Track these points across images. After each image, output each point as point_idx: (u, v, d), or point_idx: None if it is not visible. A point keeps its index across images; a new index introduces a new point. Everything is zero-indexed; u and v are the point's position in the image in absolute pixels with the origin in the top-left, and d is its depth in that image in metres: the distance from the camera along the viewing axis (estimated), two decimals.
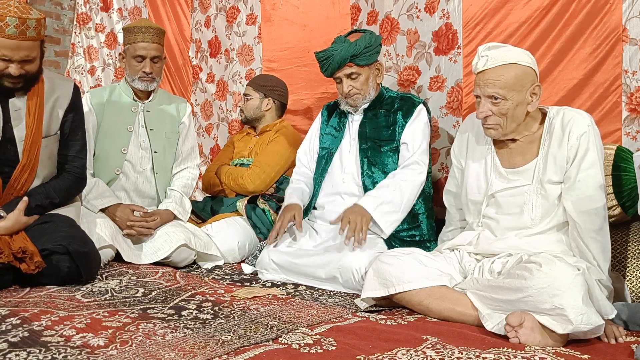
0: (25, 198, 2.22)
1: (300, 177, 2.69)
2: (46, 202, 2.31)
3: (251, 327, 1.69)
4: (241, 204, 2.92)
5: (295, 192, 2.59)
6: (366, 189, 2.46)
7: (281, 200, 2.90)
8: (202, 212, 3.05)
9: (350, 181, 2.51)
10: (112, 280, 2.23)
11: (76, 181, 2.45)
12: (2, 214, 2.16)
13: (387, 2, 2.96)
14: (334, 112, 2.68)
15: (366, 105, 2.54)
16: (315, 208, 2.61)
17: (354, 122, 2.58)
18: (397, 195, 2.35)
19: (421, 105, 2.51)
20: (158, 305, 1.90)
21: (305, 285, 2.29)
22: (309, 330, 1.67)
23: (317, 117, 2.78)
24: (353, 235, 2.23)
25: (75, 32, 4.63)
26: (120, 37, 4.39)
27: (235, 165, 3.13)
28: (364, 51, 2.42)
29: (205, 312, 1.84)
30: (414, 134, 2.45)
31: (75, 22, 4.64)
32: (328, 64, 2.47)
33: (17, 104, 2.27)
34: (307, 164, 2.71)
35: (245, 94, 3.22)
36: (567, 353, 1.52)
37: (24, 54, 2.16)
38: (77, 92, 2.45)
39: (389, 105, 2.54)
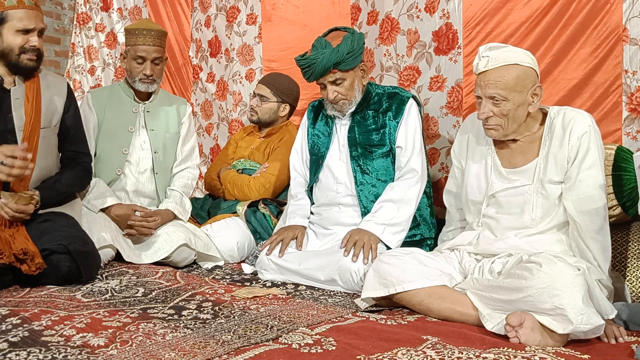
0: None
1: (299, 188, 2.63)
2: (60, 187, 2.38)
3: (251, 327, 1.69)
4: (241, 208, 2.89)
5: (299, 211, 2.54)
6: (361, 200, 2.42)
7: (281, 204, 2.89)
8: (200, 211, 3.05)
9: (345, 191, 2.46)
10: (112, 280, 2.23)
11: (85, 174, 2.55)
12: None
13: (387, 2, 2.96)
14: (320, 114, 2.61)
15: (353, 109, 2.47)
16: (311, 212, 2.59)
17: (342, 127, 2.51)
18: (400, 213, 2.32)
19: (410, 101, 2.43)
20: (158, 305, 1.90)
21: (305, 285, 2.29)
22: (309, 330, 1.67)
23: (303, 118, 2.71)
24: (361, 252, 2.20)
25: (75, 32, 4.63)
26: (120, 37, 4.39)
27: (238, 170, 3.09)
28: (347, 57, 2.32)
29: (206, 312, 1.84)
30: (407, 136, 2.40)
31: (75, 22, 4.63)
32: (310, 71, 2.37)
33: (16, 94, 2.30)
34: (301, 172, 2.66)
35: (260, 95, 3.09)
36: (567, 353, 1.52)
37: (41, 25, 2.24)
38: (70, 90, 2.52)
39: (377, 105, 2.47)
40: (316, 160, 2.57)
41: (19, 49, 2.22)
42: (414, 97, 2.47)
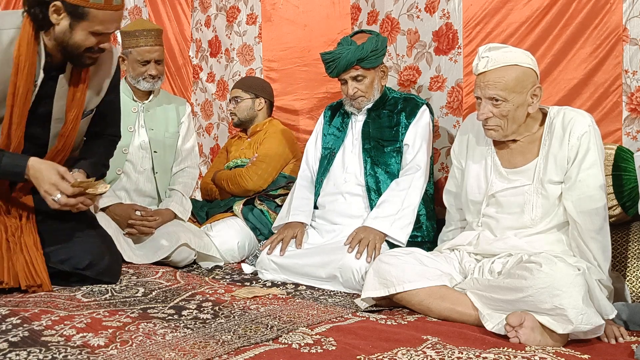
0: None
1: (304, 182, 2.68)
2: (101, 166, 2.26)
3: (251, 326, 1.69)
4: (237, 207, 2.91)
5: (301, 207, 2.57)
6: (369, 189, 2.46)
7: (275, 197, 2.92)
8: (200, 212, 3.05)
9: (352, 180, 2.52)
10: None
11: (112, 145, 2.37)
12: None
13: (388, 2, 2.96)
14: (337, 113, 2.69)
15: (370, 106, 2.55)
16: (316, 207, 2.61)
17: (357, 122, 2.59)
18: (405, 205, 2.36)
19: (424, 107, 2.53)
20: (158, 305, 1.90)
21: (305, 285, 2.29)
22: (309, 330, 1.67)
23: (320, 117, 2.78)
24: (365, 250, 2.23)
25: None
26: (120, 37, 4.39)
27: (231, 168, 3.12)
28: (370, 55, 2.43)
29: (206, 311, 1.84)
30: (416, 135, 2.47)
31: None
32: (334, 66, 2.47)
33: (63, 83, 2.06)
34: (311, 166, 2.71)
35: (234, 97, 3.21)
36: (567, 353, 1.52)
37: (118, 27, 2.00)
38: (118, 66, 2.24)
39: (392, 106, 2.55)
40: (328, 154, 2.62)
41: (86, 49, 1.95)
42: (427, 105, 2.56)
